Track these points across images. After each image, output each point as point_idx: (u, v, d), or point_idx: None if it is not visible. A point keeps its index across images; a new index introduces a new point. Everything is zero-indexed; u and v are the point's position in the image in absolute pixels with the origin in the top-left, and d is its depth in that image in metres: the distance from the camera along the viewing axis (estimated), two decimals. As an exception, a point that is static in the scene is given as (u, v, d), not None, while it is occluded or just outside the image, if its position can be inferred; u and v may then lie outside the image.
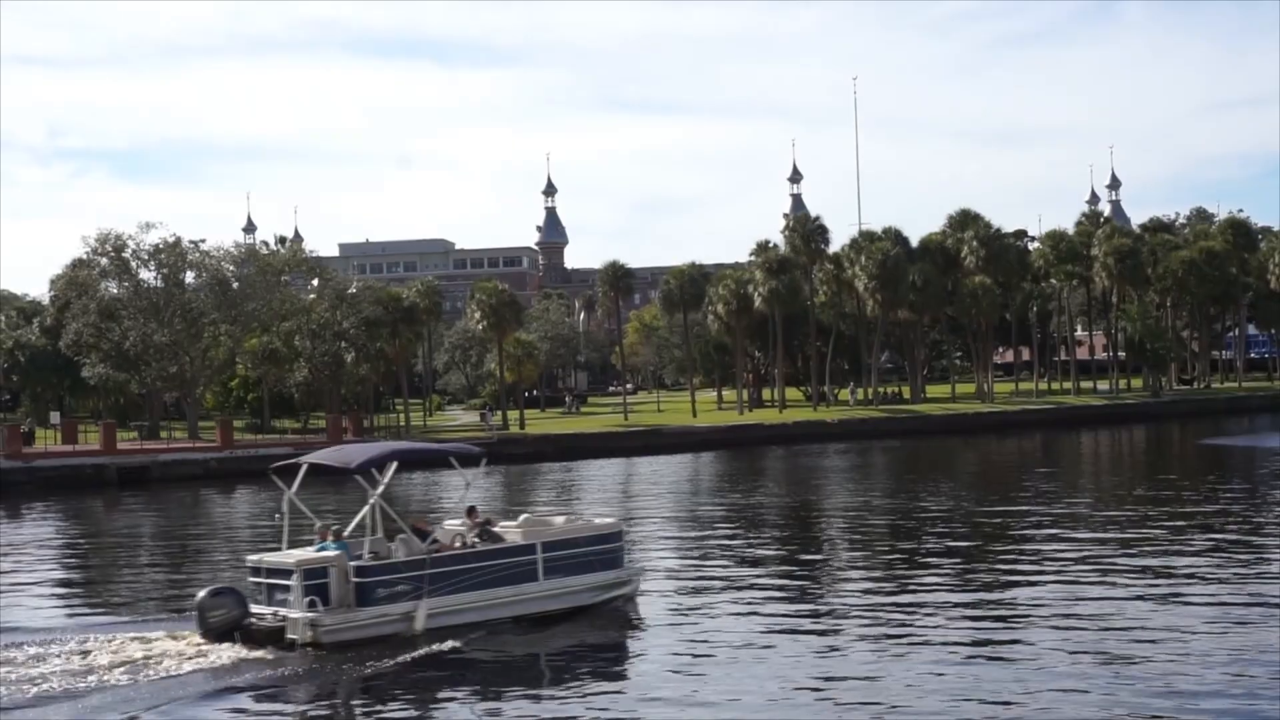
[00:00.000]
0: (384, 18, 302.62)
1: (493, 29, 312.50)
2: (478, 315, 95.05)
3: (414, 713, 17.88)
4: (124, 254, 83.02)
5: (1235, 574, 25.53)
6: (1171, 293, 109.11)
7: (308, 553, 21.62)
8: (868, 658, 19.37)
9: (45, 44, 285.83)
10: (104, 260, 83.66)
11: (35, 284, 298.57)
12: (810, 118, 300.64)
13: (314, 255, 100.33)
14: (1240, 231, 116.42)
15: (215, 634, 20.82)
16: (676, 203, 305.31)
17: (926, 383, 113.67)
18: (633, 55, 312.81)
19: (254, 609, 21.17)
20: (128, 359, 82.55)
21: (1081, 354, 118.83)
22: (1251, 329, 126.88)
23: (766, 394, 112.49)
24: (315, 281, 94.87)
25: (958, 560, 28.93)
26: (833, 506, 43.65)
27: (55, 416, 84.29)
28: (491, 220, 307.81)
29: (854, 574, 27.92)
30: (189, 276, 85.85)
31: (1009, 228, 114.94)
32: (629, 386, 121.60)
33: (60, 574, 34.09)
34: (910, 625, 21.59)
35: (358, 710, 18.39)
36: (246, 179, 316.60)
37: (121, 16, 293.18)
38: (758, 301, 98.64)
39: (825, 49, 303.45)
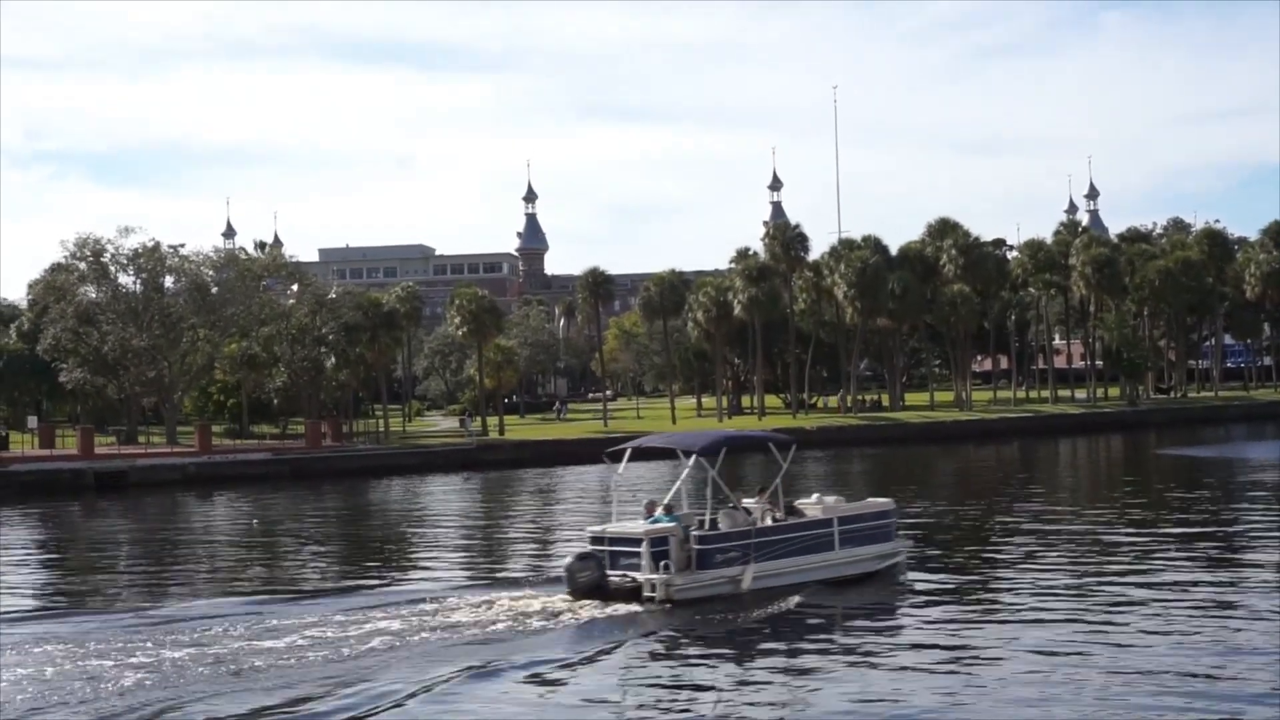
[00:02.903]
0: (365, 23, 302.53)
1: (474, 35, 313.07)
2: (457, 321, 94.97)
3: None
4: (103, 258, 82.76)
5: (1213, 581, 25.73)
6: (1148, 302, 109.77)
7: (644, 524, 24.69)
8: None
9: (24, 46, 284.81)
10: (82, 265, 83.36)
11: (13, 288, 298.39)
12: (791, 126, 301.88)
13: (293, 260, 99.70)
14: (1216, 242, 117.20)
15: (582, 592, 23.65)
16: (657, 210, 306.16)
17: (905, 390, 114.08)
18: (613, 62, 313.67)
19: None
20: (106, 364, 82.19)
21: (1059, 363, 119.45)
22: (1227, 339, 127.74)
23: (746, 401, 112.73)
24: (295, 286, 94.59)
25: (943, 567, 29.07)
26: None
27: (32, 421, 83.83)
28: (472, 226, 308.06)
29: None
30: (168, 281, 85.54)
31: (988, 236, 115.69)
32: (608, 393, 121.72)
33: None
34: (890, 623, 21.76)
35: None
36: (226, 184, 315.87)
37: (101, 19, 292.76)
38: (737, 309, 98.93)
39: (806, 57, 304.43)
